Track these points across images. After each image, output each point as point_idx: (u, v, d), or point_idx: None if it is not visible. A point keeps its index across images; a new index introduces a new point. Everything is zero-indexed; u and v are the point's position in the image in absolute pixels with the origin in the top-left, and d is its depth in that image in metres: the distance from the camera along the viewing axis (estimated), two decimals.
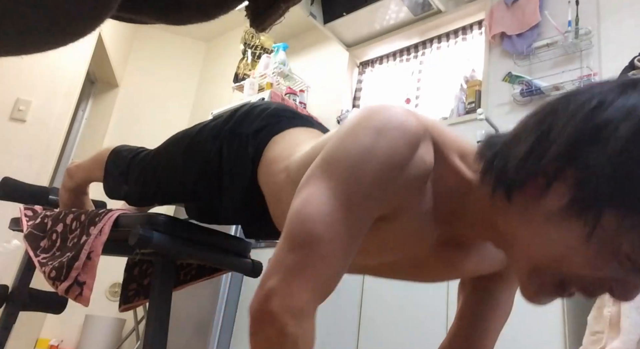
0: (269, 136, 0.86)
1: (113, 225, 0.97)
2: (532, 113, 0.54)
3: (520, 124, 0.55)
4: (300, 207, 0.54)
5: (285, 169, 0.77)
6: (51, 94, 2.69)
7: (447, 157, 0.58)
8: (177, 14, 0.54)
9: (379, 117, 0.56)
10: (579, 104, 0.49)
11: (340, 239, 0.52)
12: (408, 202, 0.57)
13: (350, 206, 0.53)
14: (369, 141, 0.54)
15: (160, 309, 0.97)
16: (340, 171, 0.54)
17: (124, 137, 3.78)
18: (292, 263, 0.52)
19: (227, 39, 4.21)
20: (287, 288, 0.51)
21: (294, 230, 0.54)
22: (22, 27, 0.40)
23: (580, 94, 0.50)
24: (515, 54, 2.43)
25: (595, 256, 0.46)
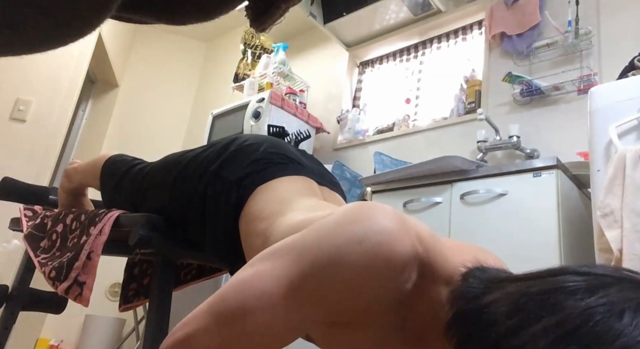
0: (253, 186, 0.82)
1: (113, 225, 0.97)
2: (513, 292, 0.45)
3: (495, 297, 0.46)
4: (246, 278, 0.52)
5: (263, 233, 0.73)
6: (51, 94, 2.69)
7: (429, 286, 0.52)
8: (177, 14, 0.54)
9: (365, 224, 0.49)
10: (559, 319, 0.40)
11: (271, 325, 0.49)
12: (371, 318, 0.52)
13: (295, 300, 0.49)
14: (345, 247, 0.48)
15: (160, 309, 0.97)
16: (305, 264, 0.50)
17: (124, 137, 3.78)
18: (210, 325, 0.50)
19: (227, 39, 4.21)
20: (191, 344, 0.50)
21: (228, 296, 0.51)
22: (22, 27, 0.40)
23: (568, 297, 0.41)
24: (515, 54, 2.43)
25: None
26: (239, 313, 0.49)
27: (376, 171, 2.36)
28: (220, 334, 0.50)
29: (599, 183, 1.35)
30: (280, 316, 0.49)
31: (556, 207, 1.56)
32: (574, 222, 1.65)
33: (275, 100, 2.85)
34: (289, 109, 2.92)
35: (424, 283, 0.52)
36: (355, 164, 2.88)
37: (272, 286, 0.50)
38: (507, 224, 1.64)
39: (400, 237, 0.49)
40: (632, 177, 1.26)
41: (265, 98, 2.83)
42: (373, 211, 0.51)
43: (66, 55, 2.77)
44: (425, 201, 1.89)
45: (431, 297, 0.52)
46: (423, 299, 0.52)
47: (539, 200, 1.61)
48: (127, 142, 3.76)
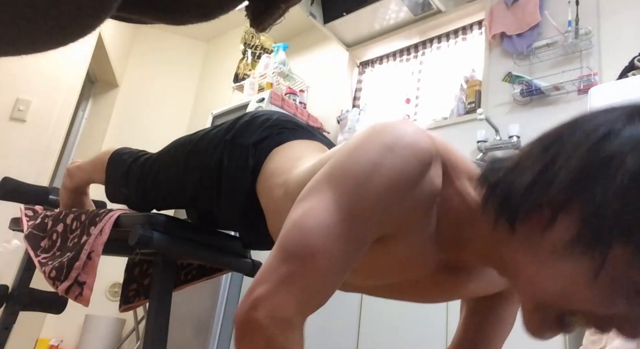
0: (269, 148, 0.85)
1: (113, 225, 0.97)
2: (537, 140, 0.52)
3: (524, 151, 0.52)
4: (299, 218, 0.53)
5: (284, 184, 0.75)
6: (51, 94, 2.69)
7: (455, 181, 0.56)
8: (177, 14, 0.54)
9: (390, 133, 0.53)
10: (585, 133, 0.47)
11: (337, 254, 0.51)
12: (412, 224, 0.55)
13: (351, 222, 0.51)
14: (379, 157, 0.52)
15: (160, 309, 0.97)
16: (345, 185, 0.52)
17: (124, 137, 3.78)
18: (284, 273, 0.50)
19: (227, 39, 4.21)
20: (276, 298, 0.49)
21: (290, 240, 0.52)
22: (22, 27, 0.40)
23: (586, 121, 0.48)
24: (515, 54, 2.43)
25: (603, 293, 0.44)
26: (307, 255, 0.50)
27: None
28: (297, 280, 0.50)
29: None
30: (342, 242, 0.51)
31: None
32: None
33: (275, 100, 2.85)
34: (289, 109, 2.92)
35: (449, 180, 0.56)
36: None
37: (325, 218, 0.51)
38: None
39: (422, 137, 0.53)
40: None
41: (265, 98, 2.83)
42: (390, 123, 0.55)
43: (66, 55, 2.77)
44: None
45: (457, 192, 0.56)
46: (451, 197, 0.56)
47: None
48: (127, 142, 3.73)
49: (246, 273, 1.16)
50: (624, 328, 0.46)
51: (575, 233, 0.45)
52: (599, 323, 0.48)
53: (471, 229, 0.56)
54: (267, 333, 0.48)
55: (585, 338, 1.31)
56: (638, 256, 0.42)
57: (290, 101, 3.00)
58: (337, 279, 0.52)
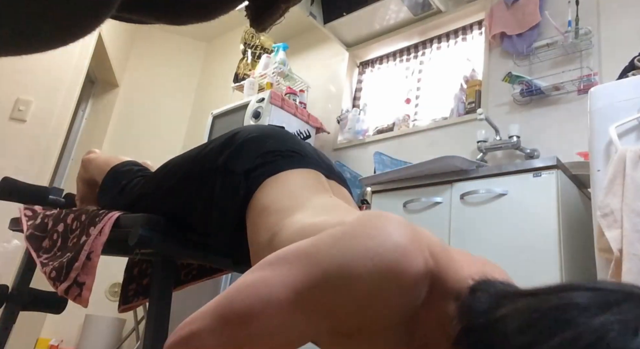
0: (261, 178, 0.81)
1: (113, 225, 0.97)
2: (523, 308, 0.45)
3: (507, 311, 0.46)
4: (254, 282, 0.51)
5: (270, 230, 0.72)
6: (51, 94, 2.69)
7: (439, 300, 0.51)
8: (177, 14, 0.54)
9: (379, 240, 0.48)
10: (573, 336, 0.39)
11: (276, 331, 0.49)
12: (375, 331, 0.51)
13: (304, 310, 0.49)
14: (356, 262, 0.47)
15: (160, 309, 0.97)
16: (313, 274, 0.49)
17: (124, 137, 3.78)
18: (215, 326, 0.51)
19: (227, 39, 4.21)
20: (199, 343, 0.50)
21: (235, 299, 0.51)
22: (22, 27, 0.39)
23: (581, 314, 0.40)
24: (515, 54, 2.43)
25: None
26: (245, 317, 0.49)
27: (376, 171, 2.35)
28: (224, 336, 0.50)
29: (599, 183, 1.35)
30: (286, 322, 0.49)
31: (556, 207, 1.56)
32: (574, 222, 1.65)
33: (275, 100, 2.85)
34: (289, 109, 2.92)
35: (434, 297, 0.51)
36: (355, 164, 2.88)
37: (279, 292, 0.49)
38: (507, 224, 1.64)
39: (413, 254, 0.48)
40: (632, 177, 1.26)
41: (265, 98, 2.83)
42: (386, 224, 0.50)
43: (66, 55, 2.77)
44: (425, 201, 1.89)
45: (440, 312, 0.51)
46: (432, 314, 0.52)
47: (539, 200, 1.61)
48: (127, 142, 3.76)
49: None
50: None
51: None
52: None
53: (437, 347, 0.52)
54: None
55: None
56: None
57: (290, 101, 3.00)
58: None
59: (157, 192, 1.01)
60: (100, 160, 1.23)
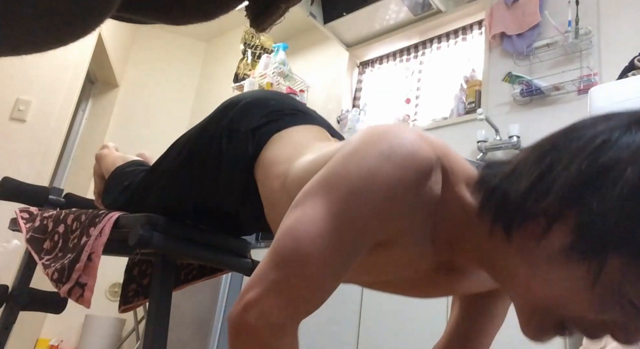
0: (268, 134, 0.83)
1: (113, 225, 0.97)
2: (533, 146, 0.52)
3: (520, 157, 0.53)
4: (292, 225, 0.52)
5: (282, 175, 0.74)
6: (51, 94, 2.69)
7: (453, 187, 0.56)
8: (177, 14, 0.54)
9: (390, 141, 0.52)
10: (583, 141, 0.47)
11: (328, 263, 0.50)
12: (408, 230, 0.55)
13: (345, 231, 0.51)
14: (376, 166, 0.50)
15: (160, 309, 0.97)
16: (341, 193, 0.51)
17: (124, 137, 3.78)
18: (275, 279, 0.50)
19: (227, 39, 4.21)
20: (266, 303, 0.50)
21: (283, 247, 0.52)
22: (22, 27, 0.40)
23: (584, 129, 0.48)
24: (515, 54, 2.43)
25: (598, 301, 0.45)
26: (299, 262, 0.50)
27: None
28: (289, 286, 0.50)
29: None
30: (335, 250, 0.50)
31: None
32: None
33: None
34: None
35: (448, 186, 0.55)
36: None
37: (318, 226, 0.51)
38: None
39: (422, 145, 0.52)
40: None
41: None
42: (389, 128, 0.54)
43: (66, 55, 2.77)
44: None
45: (456, 198, 0.56)
46: (449, 202, 0.56)
47: None
48: (127, 142, 3.75)
49: (246, 273, 1.16)
50: (617, 335, 0.47)
51: (571, 242, 0.45)
52: (593, 328, 0.48)
53: (467, 234, 0.56)
54: (259, 336, 0.49)
55: (586, 338, 1.31)
56: (633, 267, 0.43)
57: None
58: (330, 286, 0.52)
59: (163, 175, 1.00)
60: (109, 159, 1.23)
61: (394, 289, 0.70)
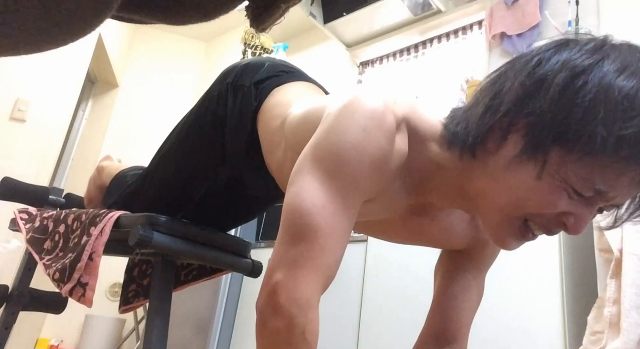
0: (270, 87, 0.91)
1: (113, 225, 0.97)
2: (487, 78, 0.61)
3: (477, 90, 0.61)
4: (295, 200, 0.58)
5: (282, 115, 0.82)
6: (51, 94, 2.69)
7: (419, 143, 0.65)
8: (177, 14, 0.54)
9: (362, 113, 0.60)
10: (522, 63, 0.56)
11: (337, 228, 0.57)
12: (386, 186, 0.63)
13: (341, 198, 0.57)
14: (356, 138, 0.58)
15: (160, 309, 0.97)
16: (331, 165, 0.58)
17: (124, 137, 3.78)
18: (294, 256, 0.55)
19: (227, 39, 4.21)
20: (293, 281, 0.54)
21: (293, 223, 0.57)
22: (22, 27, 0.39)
23: (523, 56, 0.58)
24: (515, 54, 2.43)
25: (548, 193, 0.53)
26: (311, 234, 0.56)
27: None
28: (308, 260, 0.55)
29: None
30: (338, 216, 0.57)
31: None
32: None
33: None
34: None
35: (414, 142, 0.64)
36: None
37: (318, 198, 0.57)
38: None
39: (385, 112, 0.61)
40: None
41: None
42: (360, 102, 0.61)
43: (66, 55, 2.77)
44: None
45: (422, 150, 0.65)
46: (417, 154, 0.65)
47: None
48: (127, 142, 3.75)
49: (246, 273, 1.16)
50: (568, 224, 0.55)
51: (521, 146, 0.54)
52: (549, 223, 0.56)
53: (436, 178, 0.65)
54: (288, 314, 0.53)
55: (586, 338, 1.31)
56: (571, 155, 0.51)
57: None
58: (341, 251, 0.58)
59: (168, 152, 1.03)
60: (112, 168, 1.26)
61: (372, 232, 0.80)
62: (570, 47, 0.54)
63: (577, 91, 0.50)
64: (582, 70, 0.51)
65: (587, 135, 0.49)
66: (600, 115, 0.49)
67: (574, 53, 0.53)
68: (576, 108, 0.50)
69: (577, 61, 0.52)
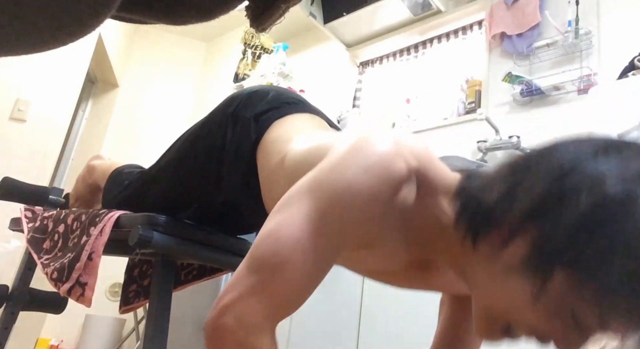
0: (270, 121, 0.88)
1: (113, 225, 0.96)
2: (509, 162, 0.55)
3: (496, 171, 0.56)
4: (273, 228, 0.55)
5: (282, 152, 0.79)
6: (51, 94, 2.69)
7: (428, 197, 0.60)
8: (177, 14, 0.54)
9: (369, 154, 0.56)
10: (551, 165, 0.50)
11: (306, 267, 0.53)
12: (381, 236, 0.59)
13: (324, 237, 0.54)
14: (356, 178, 0.54)
15: (160, 309, 0.97)
16: (321, 202, 0.55)
17: (124, 137, 3.78)
18: (253, 282, 0.53)
19: (227, 39, 4.21)
20: (244, 304, 0.52)
21: (262, 250, 0.54)
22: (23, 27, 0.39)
23: (556, 152, 0.51)
24: (515, 54, 2.43)
25: (543, 313, 0.49)
26: (276, 265, 0.52)
27: None
28: (265, 290, 0.52)
29: None
30: (312, 254, 0.53)
31: None
32: None
33: None
34: None
35: (424, 193, 0.60)
36: None
37: (297, 231, 0.53)
38: None
39: (395, 158, 0.56)
40: None
41: None
42: (371, 142, 0.57)
43: (66, 55, 2.77)
44: None
45: (431, 206, 0.60)
46: (423, 211, 0.60)
47: None
48: (127, 142, 3.75)
49: None
50: (558, 344, 0.51)
51: (525, 255, 0.49)
52: (538, 336, 0.52)
53: (440, 240, 0.60)
54: (236, 337, 0.51)
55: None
56: (576, 284, 0.46)
57: None
58: (307, 291, 0.54)
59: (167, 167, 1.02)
60: (104, 166, 1.25)
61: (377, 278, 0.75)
62: (610, 159, 0.47)
63: (602, 224, 0.44)
64: (614, 203, 0.45)
65: (603, 270, 0.44)
66: (621, 251, 0.43)
67: (612, 170, 0.46)
68: (596, 241, 0.44)
69: (611, 190, 0.45)
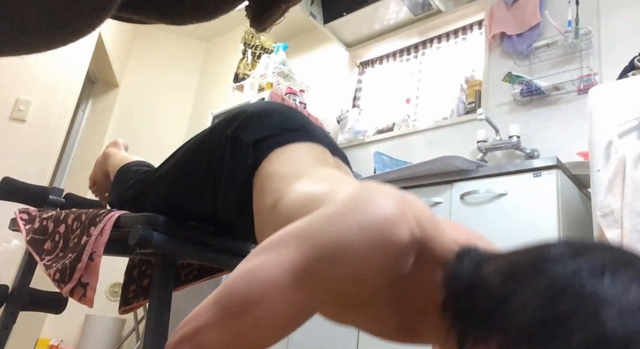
0: (269, 149, 0.84)
1: (114, 225, 0.97)
2: (501, 266, 0.48)
3: (488, 271, 0.49)
4: (253, 268, 0.52)
5: (276, 193, 0.75)
6: (51, 94, 2.69)
7: (426, 271, 0.54)
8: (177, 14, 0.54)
9: (371, 211, 0.51)
10: (545, 281, 0.43)
11: (280, 313, 0.50)
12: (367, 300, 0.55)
13: (305, 288, 0.50)
14: (349, 237, 0.50)
15: (160, 309, 0.97)
16: (310, 254, 0.51)
17: (124, 137, 3.77)
18: (220, 316, 0.50)
19: (227, 39, 4.21)
20: (204, 336, 0.50)
21: (237, 286, 0.51)
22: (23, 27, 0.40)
23: (552, 264, 0.44)
24: (515, 54, 2.43)
25: None
26: (247, 304, 0.50)
27: (376, 171, 2.36)
28: (229, 326, 0.50)
29: (599, 183, 1.35)
30: (287, 304, 0.50)
31: (556, 207, 1.56)
32: (574, 222, 1.65)
33: (275, 100, 2.85)
34: None
35: (422, 264, 0.54)
36: (355, 164, 2.89)
37: (278, 276, 0.50)
38: (507, 224, 1.64)
39: (399, 224, 0.50)
40: (632, 177, 1.26)
41: (265, 98, 2.83)
42: (375, 198, 0.53)
43: (66, 55, 2.76)
44: (425, 201, 1.89)
45: (428, 279, 0.54)
46: (420, 281, 0.55)
47: (539, 200, 1.61)
48: (127, 142, 3.75)
49: None
50: None
51: None
52: None
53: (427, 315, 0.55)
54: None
55: None
56: None
57: (290, 101, 3.00)
58: (275, 337, 0.51)
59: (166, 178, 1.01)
60: (117, 157, 1.25)
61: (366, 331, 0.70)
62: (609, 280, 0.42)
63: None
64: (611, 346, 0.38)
65: None
66: None
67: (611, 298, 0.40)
68: None
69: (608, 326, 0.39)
